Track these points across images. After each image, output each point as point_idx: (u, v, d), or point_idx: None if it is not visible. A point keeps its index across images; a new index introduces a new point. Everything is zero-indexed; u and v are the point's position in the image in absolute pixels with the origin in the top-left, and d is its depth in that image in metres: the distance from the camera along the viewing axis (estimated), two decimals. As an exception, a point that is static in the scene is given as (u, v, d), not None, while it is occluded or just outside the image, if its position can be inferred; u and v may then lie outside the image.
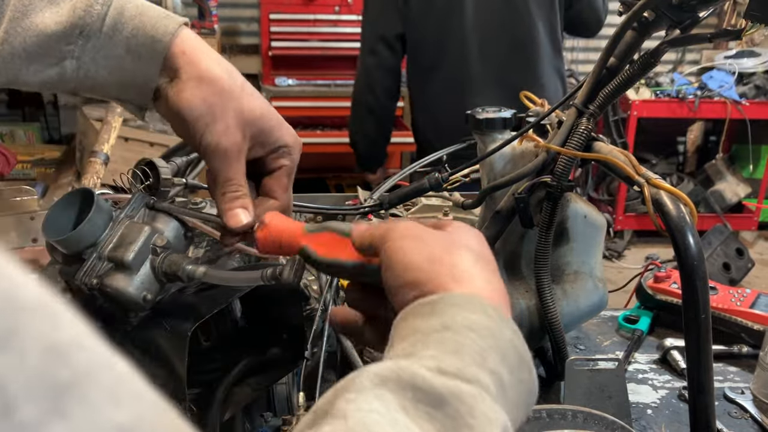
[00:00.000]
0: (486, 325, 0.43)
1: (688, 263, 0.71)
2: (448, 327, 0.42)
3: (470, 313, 0.43)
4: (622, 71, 0.81)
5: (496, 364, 0.41)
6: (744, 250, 3.45)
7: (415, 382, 0.37)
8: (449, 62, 2.05)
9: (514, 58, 2.05)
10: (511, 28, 2.02)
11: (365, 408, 0.35)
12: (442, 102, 2.08)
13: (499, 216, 0.88)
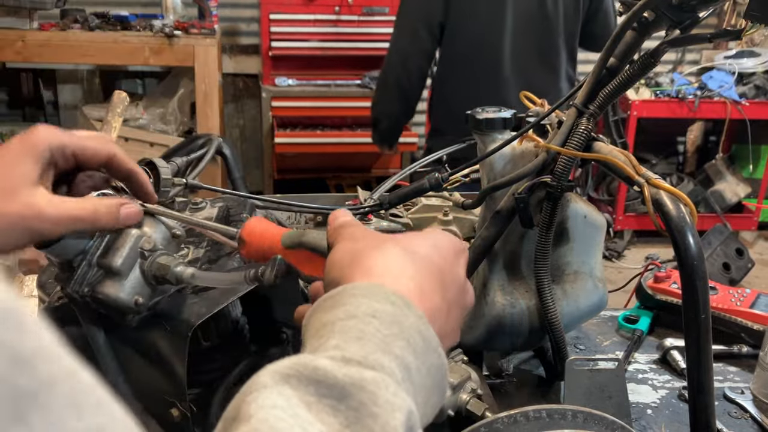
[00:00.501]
0: (390, 312, 0.43)
1: (688, 263, 0.71)
2: (352, 315, 0.42)
3: (374, 301, 0.44)
4: (622, 71, 0.81)
5: (401, 349, 0.42)
6: (744, 250, 3.45)
7: (317, 377, 0.38)
8: (483, 59, 2.16)
9: (540, 63, 2.20)
10: (541, 36, 2.18)
11: (268, 405, 0.35)
12: (470, 96, 2.15)
13: (499, 216, 0.88)
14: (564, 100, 0.88)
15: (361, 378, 0.38)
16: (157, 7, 3.84)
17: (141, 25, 3.34)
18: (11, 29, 3.15)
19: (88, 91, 4.38)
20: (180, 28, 3.31)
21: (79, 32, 3.26)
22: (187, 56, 3.31)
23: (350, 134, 4.10)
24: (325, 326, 0.43)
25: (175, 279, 0.66)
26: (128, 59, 3.38)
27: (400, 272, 0.48)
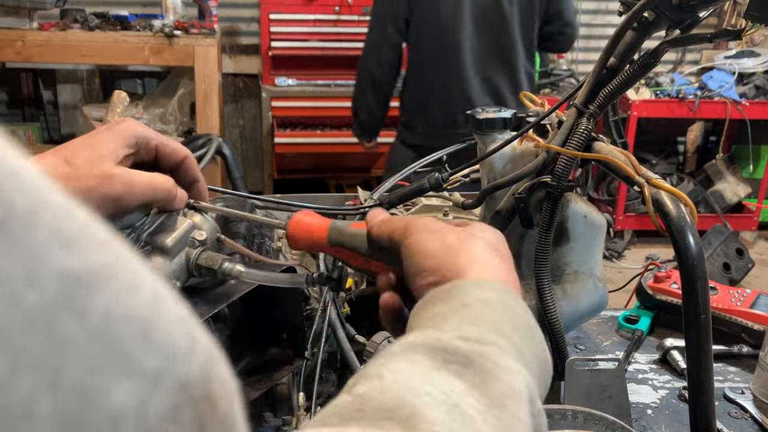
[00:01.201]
0: (499, 299, 0.46)
1: (688, 263, 0.71)
2: (465, 305, 0.45)
3: (484, 291, 0.46)
4: (622, 71, 0.81)
5: (512, 333, 0.44)
6: (744, 250, 3.45)
7: (442, 346, 0.40)
8: (445, 56, 2.34)
9: (498, 59, 2.38)
10: (499, 33, 2.35)
11: (399, 368, 0.38)
12: (435, 91, 2.39)
13: (499, 216, 0.88)
14: (564, 99, 0.88)
15: (481, 349, 0.40)
16: (157, 7, 3.84)
17: (141, 25, 3.34)
18: (11, 29, 3.15)
19: (87, 91, 4.38)
20: (180, 28, 3.31)
21: (78, 32, 3.26)
22: (187, 56, 3.30)
23: (350, 134, 4.08)
24: (438, 316, 0.45)
25: (223, 273, 0.67)
26: (128, 59, 3.38)
27: (497, 265, 0.51)
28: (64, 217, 0.20)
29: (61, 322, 0.19)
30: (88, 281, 0.20)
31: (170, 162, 0.71)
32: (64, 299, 0.19)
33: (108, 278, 0.21)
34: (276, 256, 1.11)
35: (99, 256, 0.21)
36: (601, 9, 4.81)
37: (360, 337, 0.91)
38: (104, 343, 0.20)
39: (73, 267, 0.20)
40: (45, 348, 0.18)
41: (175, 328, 0.22)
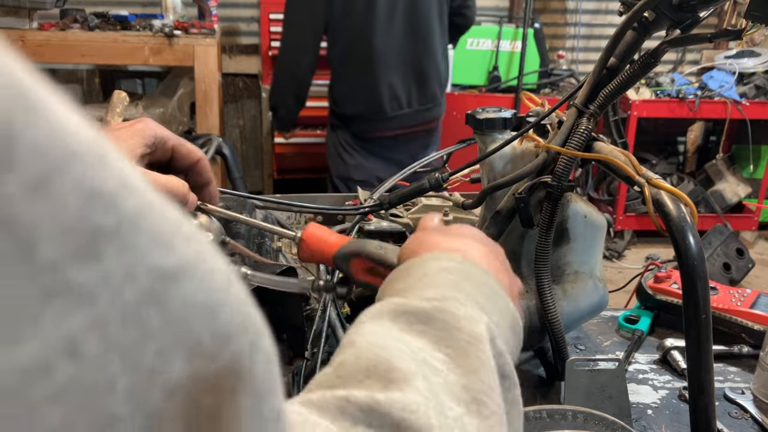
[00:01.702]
0: (457, 267, 0.49)
1: (689, 263, 0.71)
2: (425, 274, 0.48)
3: (441, 262, 0.50)
4: (623, 71, 0.81)
5: (471, 289, 0.47)
6: (744, 250, 3.45)
7: (404, 309, 0.43)
8: (366, 46, 2.50)
9: (419, 45, 2.57)
10: (417, 18, 2.52)
11: (368, 332, 0.41)
12: (361, 83, 2.56)
13: (499, 216, 0.88)
14: (564, 99, 0.88)
15: (441, 305, 0.43)
16: (157, 7, 3.84)
17: (141, 24, 3.34)
18: (11, 29, 3.15)
19: (87, 91, 4.38)
20: (180, 27, 3.31)
21: (78, 32, 3.26)
22: (186, 56, 3.30)
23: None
24: (401, 290, 0.48)
25: None
26: (128, 59, 3.38)
27: (462, 245, 0.54)
28: (161, 218, 0.22)
29: (146, 315, 0.21)
30: (174, 275, 0.22)
31: (185, 163, 0.72)
32: (154, 294, 0.21)
33: (190, 271, 0.23)
34: (276, 257, 1.11)
35: (186, 250, 0.23)
36: (601, 9, 4.81)
37: (360, 337, 0.91)
38: (176, 330, 0.22)
39: (166, 264, 0.22)
40: (133, 339, 0.21)
41: (235, 310, 0.24)
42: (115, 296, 0.20)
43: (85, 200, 0.19)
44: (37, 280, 0.18)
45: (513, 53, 4.11)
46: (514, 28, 4.13)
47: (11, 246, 0.18)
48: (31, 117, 0.18)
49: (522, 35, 3.99)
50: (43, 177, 0.18)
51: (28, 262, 0.18)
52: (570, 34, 4.87)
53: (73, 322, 0.19)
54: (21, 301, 0.18)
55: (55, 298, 0.19)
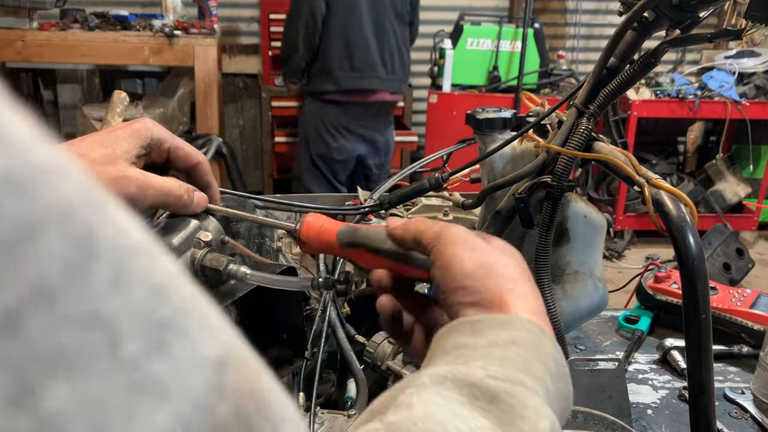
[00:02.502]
0: (528, 338, 0.46)
1: (689, 263, 0.71)
2: (493, 344, 0.45)
3: (513, 330, 0.46)
4: (623, 71, 0.81)
5: (541, 372, 0.44)
6: (744, 250, 3.45)
7: (470, 381, 0.41)
8: (347, 22, 3.03)
9: (395, 25, 3.15)
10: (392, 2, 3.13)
11: (428, 400, 0.39)
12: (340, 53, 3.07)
13: (499, 216, 0.88)
14: (564, 99, 0.88)
15: (509, 388, 0.41)
16: (157, 7, 3.84)
17: (141, 24, 3.34)
18: (11, 29, 3.15)
19: (87, 91, 4.38)
20: (180, 27, 3.31)
21: (78, 32, 3.26)
22: (186, 56, 3.31)
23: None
24: (464, 348, 0.45)
25: (227, 275, 0.67)
26: (128, 59, 3.38)
27: (530, 296, 0.51)
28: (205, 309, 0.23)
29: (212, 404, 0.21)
30: (223, 365, 0.22)
31: (183, 165, 0.71)
32: (214, 383, 0.22)
33: (234, 361, 0.23)
34: (276, 257, 1.11)
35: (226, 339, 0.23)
36: (601, 9, 4.81)
37: (360, 337, 0.91)
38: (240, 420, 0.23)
39: (214, 354, 0.22)
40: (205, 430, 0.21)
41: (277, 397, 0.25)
42: (187, 388, 0.20)
43: (148, 293, 0.20)
44: (124, 377, 0.19)
45: (513, 53, 4.11)
46: (514, 28, 4.13)
47: (99, 342, 0.18)
48: (101, 215, 0.19)
49: (522, 35, 4.00)
50: (118, 270, 0.19)
51: (114, 360, 0.18)
52: (570, 34, 4.87)
53: (159, 419, 0.19)
54: (115, 400, 0.18)
55: (141, 395, 0.19)
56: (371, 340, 0.88)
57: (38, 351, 0.17)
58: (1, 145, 0.17)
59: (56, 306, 0.17)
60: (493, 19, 4.31)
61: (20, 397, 0.16)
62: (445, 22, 4.36)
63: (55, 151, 0.19)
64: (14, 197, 0.17)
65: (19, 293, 0.17)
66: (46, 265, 0.17)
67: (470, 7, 4.61)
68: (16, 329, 0.16)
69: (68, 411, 0.17)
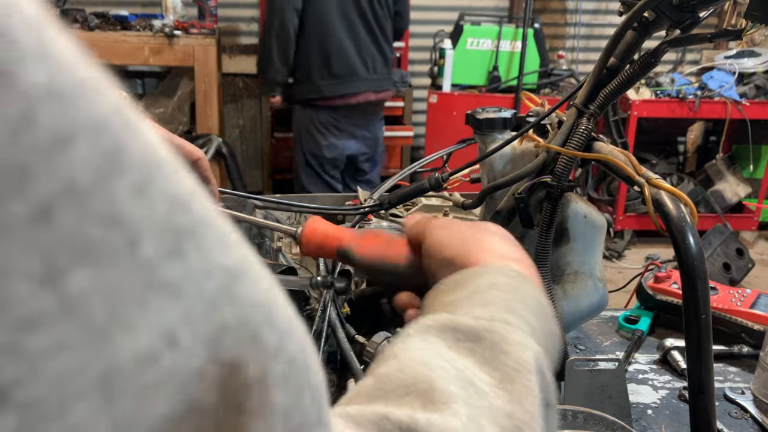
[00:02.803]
0: (508, 282, 0.48)
1: (689, 263, 0.71)
2: (474, 291, 0.47)
3: (492, 277, 0.49)
4: (623, 71, 0.81)
5: (522, 310, 0.46)
6: (744, 250, 3.45)
7: (453, 325, 0.43)
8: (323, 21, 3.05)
9: (368, 27, 3.15)
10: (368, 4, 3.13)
11: (413, 347, 0.41)
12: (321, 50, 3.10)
13: (499, 216, 0.88)
14: (564, 99, 0.88)
15: (491, 325, 0.43)
16: (157, 7, 3.84)
17: (141, 25, 3.34)
18: (11, 29, 3.14)
19: (88, 91, 4.37)
20: (180, 28, 3.31)
21: (79, 32, 3.25)
22: (186, 56, 3.31)
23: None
24: (450, 304, 0.47)
25: None
26: (128, 59, 3.38)
27: (508, 252, 0.53)
28: (221, 223, 0.25)
29: (223, 309, 0.23)
30: (237, 274, 0.24)
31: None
32: (226, 290, 0.24)
33: (246, 272, 0.25)
34: (275, 257, 1.11)
35: (240, 253, 0.25)
36: (601, 9, 4.81)
37: (360, 337, 0.91)
38: (247, 326, 0.24)
39: (229, 263, 0.24)
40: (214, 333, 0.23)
41: (282, 312, 0.27)
42: (198, 291, 0.22)
43: (170, 203, 0.22)
44: (140, 273, 0.21)
45: (513, 53, 4.11)
46: (514, 28, 4.13)
47: (120, 240, 0.20)
48: (131, 131, 0.21)
49: (522, 35, 4.00)
50: (142, 182, 0.21)
51: (132, 257, 0.20)
52: (570, 34, 4.87)
53: (169, 315, 0.21)
54: (130, 292, 0.20)
55: (154, 291, 0.21)
56: (371, 340, 0.88)
57: (66, 239, 0.19)
58: (48, 60, 0.19)
59: (83, 203, 0.19)
60: (493, 19, 4.31)
61: (47, 277, 0.19)
62: (445, 22, 4.36)
63: (95, 71, 0.21)
64: (53, 108, 0.19)
65: (51, 188, 0.19)
66: (76, 168, 0.19)
67: (470, 7, 4.61)
68: (48, 218, 0.19)
69: (88, 294, 0.19)
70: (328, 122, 3.20)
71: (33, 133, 0.18)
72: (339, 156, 3.27)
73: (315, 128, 3.20)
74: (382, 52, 3.23)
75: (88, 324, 0.19)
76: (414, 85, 4.37)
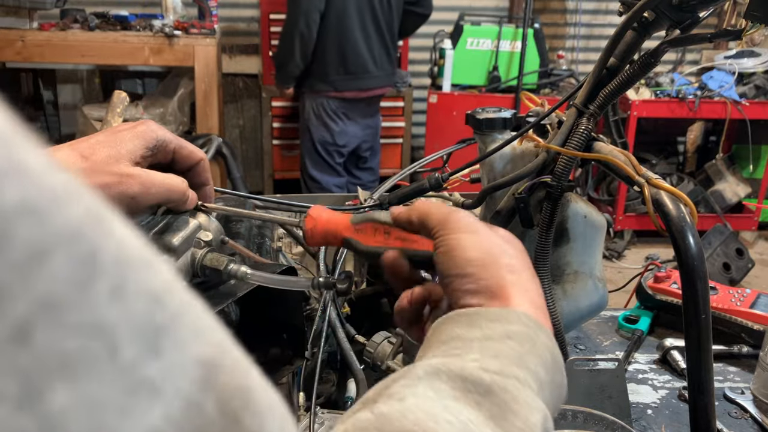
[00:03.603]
0: (523, 332, 0.46)
1: (688, 263, 0.71)
2: (488, 337, 0.45)
3: (507, 324, 0.47)
4: (622, 71, 0.81)
5: (534, 365, 0.45)
6: (744, 250, 3.45)
7: (464, 375, 0.41)
8: (340, 25, 3.19)
9: (378, 28, 3.32)
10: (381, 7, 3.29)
11: (420, 393, 0.39)
12: (335, 52, 3.26)
13: (499, 216, 0.88)
14: (564, 99, 0.88)
15: (502, 381, 0.41)
16: (157, 7, 3.84)
17: (141, 25, 3.34)
18: (11, 29, 3.15)
19: (87, 91, 4.38)
20: (180, 28, 3.31)
21: (78, 32, 3.26)
22: (187, 56, 3.30)
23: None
24: (460, 340, 0.46)
25: (228, 275, 0.67)
26: (128, 59, 3.38)
27: (530, 287, 0.51)
28: (197, 312, 0.25)
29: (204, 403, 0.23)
30: (214, 365, 0.24)
31: (186, 165, 0.72)
32: (205, 382, 0.23)
33: (223, 359, 0.25)
34: (276, 257, 1.11)
35: (217, 339, 0.25)
36: (601, 9, 4.81)
37: (360, 337, 0.91)
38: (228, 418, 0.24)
39: (206, 355, 0.24)
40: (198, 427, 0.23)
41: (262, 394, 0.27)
42: (177, 388, 0.22)
43: (147, 302, 0.22)
44: (121, 379, 0.20)
45: (513, 53, 4.11)
46: (514, 28, 4.13)
47: (100, 348, 0.20)
48: (104, 232, 0.21)
49: (522, 35, 4.00)
50: (119, 284, 0.21)
51: (113, 364, 0.20)
52: (570, 34, 4.87)
53: (151, 416, 0.21)
54: (112, 399, 0.20)
55: (136, 394, 0.21)
56: (371, 340, 0.88)
57: (44, 357, 0.18)
58: (18, 175, 0.19)
59: (62, 317, 0.19)
60: (493, 19, 4.31)
61: (25, 399, 0.18)
62: (445, 22, 4.36)
63: (66, 176, 0.21)
64: (28, 224, 0.19)
65: (29, 306, 0.18)
66: (53, 281, 0.19)
67: (470, 7, 4.61)
68: (26, 338, 0.18)
69: (69, 411, 0.19)
70: (338, 110, 3.36)
71: (8, 251, 0.18)
72: (348, 143, 3.44)
73: (327, 115, 3.35)
74: (387, 49, 3.39)
75: None
76: (414, 85, 4.37)
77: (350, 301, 0.98)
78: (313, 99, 3.36)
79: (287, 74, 3.31)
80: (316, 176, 3.47)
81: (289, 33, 3.20)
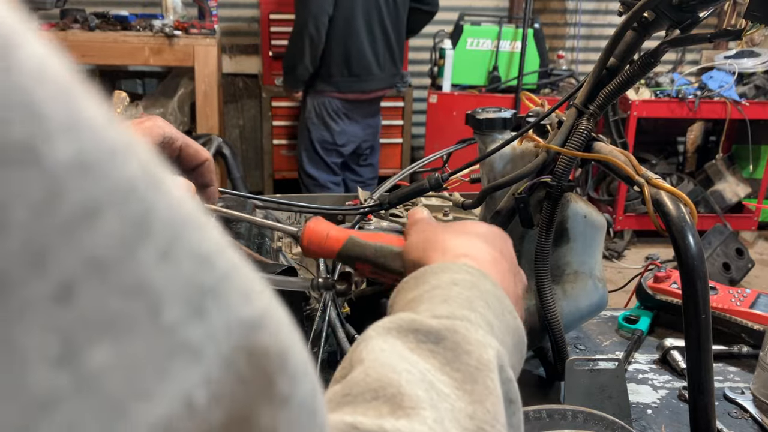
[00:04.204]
0: (468, 280, 0.49)
1: (688, 263, 0.71)
2: (435, 287, 0.48)
3: (453, 273, 0.50)
4: (622, 71, 0.81)
5: (482, 308, 0.47)
6: (744, 250, 3.45)
7: (414, 326, 0.43)
8: (346, 26, 3.20)
9: (385, 30, 3.32)
10: (388, 9, 3.29)
11: (376, 349, 0.41)
12: (342, 53, 3.25)
13: (499, 216, 0.88)
14: (564, 99, 0.88)
15: (452, 324, 0.43)
16: (157, 7, 3.84)
17: (141, 25, 3.34)
18: (11, 29, 3.14)
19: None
20: (180, 28, 3.31)
21: (79, 32, 3.26)
22: (187, 56, 3.31)
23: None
24: (413, 301, 0.48)
25: None
26: (128, 59, 3.38)
27: (470, 248, 0.54)
28: (244, 274, 0.24)
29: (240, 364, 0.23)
30: (257, 326, 0.24)
31: (191, 163, 0.72)
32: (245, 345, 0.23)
33: (267, 322, 0.25)
34: (276, 257, 1.11)
35: (262, 303, 0.25)
36: (601, 9, 4.81)
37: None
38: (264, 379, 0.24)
39: (250, 316, 0.24)
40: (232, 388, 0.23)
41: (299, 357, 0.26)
42: (218, 351, 0.22)
43: (195, 263, 0.22)
44: (162, 340, 0.20)
45: (513, 53, 4.11)
46: (514, 28, 4.13)
47: (142, 309, 0.20)
48: (157, 191, 0.21)
49: (522, 35, 4.00)
50: (169, 245, 0.21)
51: (154, 325, 0.20)
52: (570, 34, 4.87)
53: (189, 379, 0.21)
54: (150, 360, 0.20)
55: (175, 356, 0.20)
56: (371, 340, 0.88)
57: (85, 317, 0.18)
58: (77, 130, 0.18)
59: (107, 277, 0.19)
60: (493, 19, 4.31)
61: (64, 357, 0.18)
62: (445, 22, 4.36)
63: (122, 131, 0.20)
64: (81, 181, 0.18)
65: (74, 266, 0.18)
66: (101, 241, 0.19)
67: (470, 7, 4.61)
68: (69, 298, 0.18)
69: (105, 371, 0.19)
70: (339, 110, 3.36)
71: (58, 211, 0.18)
72: (348, 142, 3.45)
73: (328, 115, 3.35)
74: (392, 50, 3.40)
75: (103, 402, 0.19)
76: (414, 85, 4.37)
77: (350, 301, 0.98)
78: (315, 98, 3.36)
79: (296, 77, 3.30)
80: (312, 173, 3.47)
81: (298, 36, 3.19)
